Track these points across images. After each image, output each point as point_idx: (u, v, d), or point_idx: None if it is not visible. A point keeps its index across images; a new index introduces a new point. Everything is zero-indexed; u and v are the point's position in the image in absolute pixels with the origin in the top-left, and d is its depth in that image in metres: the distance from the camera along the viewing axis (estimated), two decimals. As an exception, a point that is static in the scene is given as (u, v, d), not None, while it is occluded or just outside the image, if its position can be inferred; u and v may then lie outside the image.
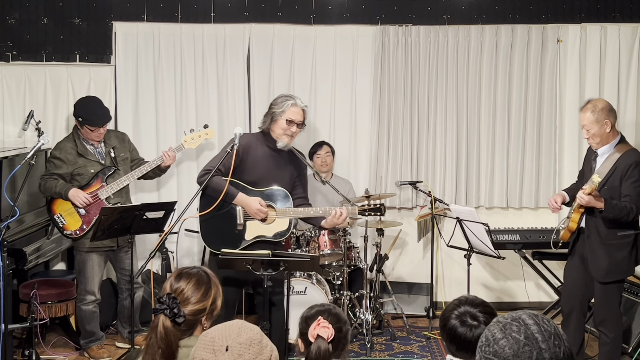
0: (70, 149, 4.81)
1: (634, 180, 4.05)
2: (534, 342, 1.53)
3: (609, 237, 4.13)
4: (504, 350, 1.54)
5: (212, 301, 2.34)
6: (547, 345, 1.53)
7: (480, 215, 5.28)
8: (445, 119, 5.90)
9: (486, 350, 1.58)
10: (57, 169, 4.78)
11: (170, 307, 2.23)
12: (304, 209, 4.20)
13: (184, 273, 2.35)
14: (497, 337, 1.57)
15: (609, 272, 4.15)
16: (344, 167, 5.93)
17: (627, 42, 5.88)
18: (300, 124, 4.26)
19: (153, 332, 2.22)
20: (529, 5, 5.88)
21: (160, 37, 5.75)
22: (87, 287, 4.83)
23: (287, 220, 4.19)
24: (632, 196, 4.05)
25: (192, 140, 5.03)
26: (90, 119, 4.78)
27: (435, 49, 5.87)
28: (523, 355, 1.52)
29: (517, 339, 1.54)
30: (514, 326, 1.56)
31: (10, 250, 4.43)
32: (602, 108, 4.09)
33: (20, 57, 5.73)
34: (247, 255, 3.84)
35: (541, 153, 5.94)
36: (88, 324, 4.88)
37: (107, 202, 4.77)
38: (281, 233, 4.19)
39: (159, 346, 2.20)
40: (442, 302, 5.96)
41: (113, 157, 4.89)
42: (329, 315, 2.59)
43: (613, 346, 4.21)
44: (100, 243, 4.68)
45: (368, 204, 4.33)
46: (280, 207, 4.17)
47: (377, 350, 5.08)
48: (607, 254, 4.14)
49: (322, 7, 5.86)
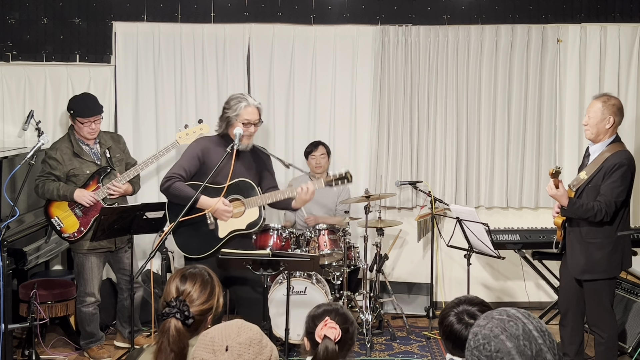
0: (66, 149, 4.77)
1: (613, 181, 4.01)
2: (532, 338, 1.58)
3: (589, 235, 4.10)
4: (505, 345, 1.57)
5: (217, 299, 2.36)
6: (542, 340, 1.59)
7: (480, 215, 5.28)
8: (445, 119, 5.91)
9: (482, 351, 1.60)
10: (53, 170, 4.73)
11: (181, 310, 2.23)
12: (270, 194, 4.16)
13: (188, 274, 2.35)
14: (497, 333, 1.60)
15: (584, 271, 4.13)
16: (344, 166, 5.92)
17: (627, 42, 5.88)
18: (257, 123, 4.22)
19: (164, 336, 2.19)
20: (529, 5, 5.89)
21: (160, 37, 5.75)
22: (87, 289, 4.81)
23: (257, 209, 4.16)
24: (607, 197, 4.00)
25: (187, 136, 4.93)
26: (79, 110, 4.74)
27: (435, 49, 5.87)
28: (523, 349, 1.56)
29: (516, 334, 1.59)
30: (511, 322, 1.60)
31: (10, 250, 4.43)
32: (614, 104, 4.10)
33: (20, 57, 5.73)
34: (247, 255, 3.84)
35: (541, 153, 5.94)
36: (88, 325, 4.88)
37: (104, 202, 4.75)
38: (254, 222, 4.16)
39: (171, 349, 2.18)
40: (442, 302, 5.96)
41: (108, 157, 4.86)
42: (336, 315, 2.60)
43: (608, 347, 4.18)
44: (98, 244, 4.67)
45: (334, 174, 4.22)
46: (247, 198, 4.14)
47: (377, 350, 5.08)
48: (584, 251, 4.12)
49: (322, 7, 5.86)
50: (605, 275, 4.10)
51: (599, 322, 4.15)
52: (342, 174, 4.20)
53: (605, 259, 4.07)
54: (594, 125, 4.09)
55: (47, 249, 5.03)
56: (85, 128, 4.77)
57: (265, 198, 4.15)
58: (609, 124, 4.08)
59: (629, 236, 4.17)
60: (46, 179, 4.73)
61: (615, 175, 4.00)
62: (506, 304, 5.91)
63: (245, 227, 4.15)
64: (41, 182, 4.74)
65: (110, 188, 4.74)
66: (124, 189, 4.79)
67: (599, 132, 4.10)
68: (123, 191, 4.80)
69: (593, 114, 4.10)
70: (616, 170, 4.00)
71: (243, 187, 4.15)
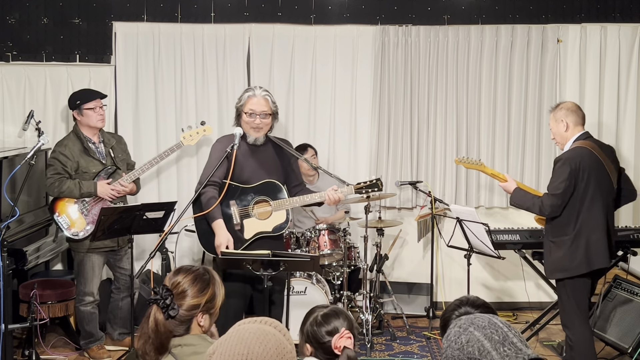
0: (73, 146, 4.76)
1: (552, 175, 4.19)
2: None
3: (549, 234, 4.24)
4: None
5: (209, 299, 2.32)
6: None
7: (480, 215, 5.28)
8: (445, 119, 5.90)
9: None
10: (65, 166, 4.68)
11: (163, 298, 2.23)
12: (299, 198, 4.16)
13: (183, 268, 2.36)
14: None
15: (547, 269, 4.27)
16: (344, 167, 5.93)
17: (627, 42, 5.88)
18: (265, 114, 4.16)
19: (146, 322, 2.24)
20: (529, 5, 5.89)
21: (160, 37, 5.75)
22: (86, 288, 4.79)
23: (284, 212, 4.16)
24: (548, 190, 4.16)
25: (191, 137, 4.98)
26: (83, 97, 4.78)
27: (435, 49, 5.87)
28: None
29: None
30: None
31: (10, 250, 4.42)
32: (560, 108, 4.28)
33: (20, 57, 5.73)
34: (248, 255, 3.83)
35: (541, 153, 5.94)
36: (87, 325, 4.86)
37: (112, 202, 4.74)
38: (280, 226, 4.16)
39: (149, 335, 2.22)
40: (442, 302, 5.96)
41: (112, 157, 4.88)
42: (344, 320, 2.61)
43: (577, 352, 4.16)
44: (101, 243, 4.64)
45: (364, 181, 4.19)
46: (275, 200, 4.15)
47: (377, 350, 5.08)
48: (547, 250, 4.25)
49: (322, 7, 5.86)
50: (568, 274, 4.13)
51: (567, 322, 4.20)
52: (372, 181, 4.17)
53: (566, 257, 4.12)
54: (557, 134, 4.30)
55: (47, 249, 5.03)
56: (95, 115, 4.77)
57: (294, 201, 4.14)
58: (564, 127, 4.23)
59: (601, 233, 4.13)
60: (61, 177, 4.68)
61: (554, 169, 4.18)
62: (506, 304, 5.95)
63: (271, 229, 4.15)
64: (56, 180, 4.67)
65: (116, 187, 4.75)
66: (129, 189, 4.80)
67: (560, 137, 4.29)
68: (129, 190, 4.81)
69: (552, 126, 4.33)
70: (556, 165, 4.18)
71: (271, 188, 4.15)
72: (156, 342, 2.22)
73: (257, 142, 4.19)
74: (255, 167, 4.16)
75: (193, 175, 5.76)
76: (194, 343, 2.25)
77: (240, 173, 4.13)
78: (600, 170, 4.15)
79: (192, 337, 2.27)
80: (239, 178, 4.13)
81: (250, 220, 4.15)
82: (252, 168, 4.15)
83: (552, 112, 4.31)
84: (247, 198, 4.16)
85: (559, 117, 4.24)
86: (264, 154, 4.22)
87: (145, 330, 2.24)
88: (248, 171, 4.14)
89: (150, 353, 2.22)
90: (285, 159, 4.30)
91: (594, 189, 4.10)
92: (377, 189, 4.17)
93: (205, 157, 4.47)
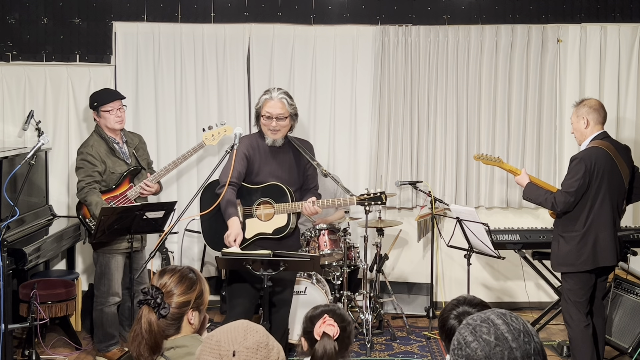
0: (99, 146, 4.73)
1: (567, 173, 4.27)
2: (505, 342, 1.54)
3: (558, 227, 4.33)
4: (476, 353, 1.55)
5: (198, 295, 2.34)
6: (517, 343, 1.54)
7: (480, 215, 5.28)
8: (445, 119, 5.90)
9: (459, 354, 1.58)
10: (94, 166, 4.65)
11: (154, 297, 2.24)
12: (299, 203, 4.16)
13: (168, 269, 2.38)
14: (469, 340, 1.57)
15: (553, 262, 4.37)
16: (344, 166, 5.93)
17: (627, 42, 5.88)
18: (281, 117, 4.15)
19: (138, 323, 2.25)
20: (529, 5, 5.89)
21: (160, 37, 5.75)
22: (111, 289, 4.73)
23: (285, 216, 4.17)
24: (562, 187, 4.25)
25: (212, 137, 5.00)
26: (101, 99, 4.77)
27: (435, 49, 5.87)
28: (495, 356, 1.53)
29: (488, 341, 1.55)
30: (483, 328, 1.57)
31: (10, 250, 4.42)
32: (584, 104, 4.34)
33: (20, 57, 5.74)
34: (248, 255, 3.84)
35: (541, 153, 5.94)
36: (110, 327, 4.77)
37: (135, 202, 4.71)
38: (280, 229, 4.17)
39: (142, 337, 2.22)
40: (442, 302, 5.96)
41: (136, 156, 4.88)
42: (333, 315, 2.62)
43: (574, 345, 4.30)
44: (125, 244, 4.61)
45: (367, 193, 4.17)
46: (278, 203, 4.16)
47: (377, 350, 5.08)
48: (555, 243, 4.34)
49: (322, 7, 5.86)
50: (573, 269, 4.24)
51: (566, 314, 4.33)
52: (376, 194, 4.15)
53: (573, 252, 4.22)
54: (575, 129, 4.39)
55: (47, 249, 5.02)
56: (112, 117, 4.75)
57: (295, 206, 4.15)
58: (585, 124, 4.30)
59: (610, 232, 4.22)
60: (91, 187, 4.64)
61: (569, 167, 4.25)
62: (506, 304, 5.94)
63: (271, 231, 4.16)
64: (86, 186, 4.64)
65: (143, 188, 4.75)
66: (155, 189, 4.82)
67: (580, 134, 4.35)
68: (154, 191, 4.83)
69: (572, 119, 4.42)
70: (571, 163, 4.25)
71: (275, 191, 4.16)
72: (150, 342, 2.23)
73: (276, 143, 4.21)
74: (271, 169, 4.18)
75: (193, 177, 5.80)
76: (187, 344, 2.27)
77: (257, 173, 4.15)
78: (614, 171, 4.24)
79: (184, 338, 2.29)
80: (257, 176, 4.16)
81: (252, 220, 4.17)
82: (269, 170, 4.17)
83: (575, 108, 4.38)
84: (252, 198, 4.19)
85: (581, 114, 4.31)
86: (282, 157, 4.24)
87: (138, 332, 2.24)
88: (264, 172, 4.16)
89: (144, 354, 2.23)
90: (303, 163, 4.31)
91: (606, 189, 4.21)
92: (380, 202, 4.15)
93: (206, 159, 4.47)
